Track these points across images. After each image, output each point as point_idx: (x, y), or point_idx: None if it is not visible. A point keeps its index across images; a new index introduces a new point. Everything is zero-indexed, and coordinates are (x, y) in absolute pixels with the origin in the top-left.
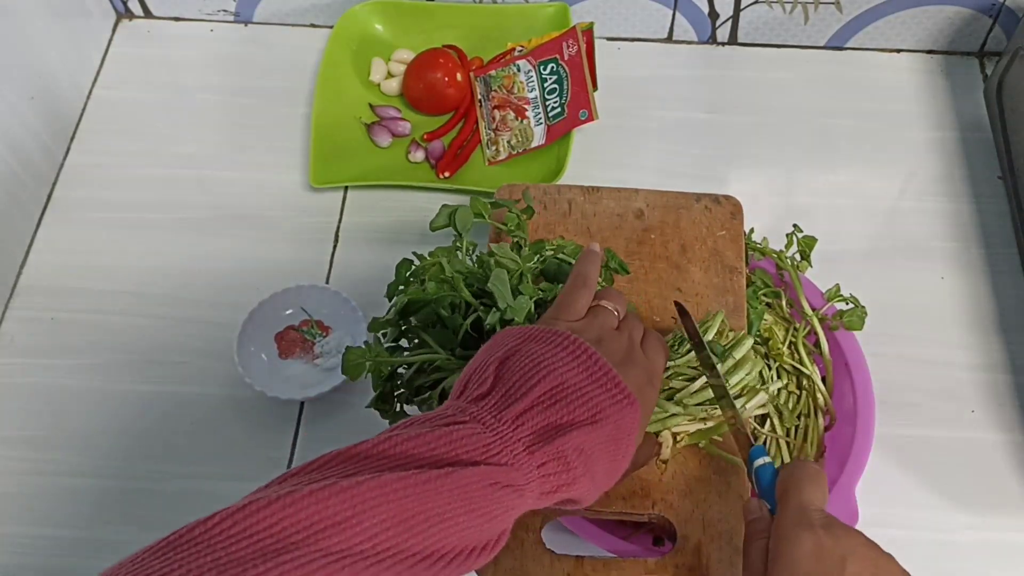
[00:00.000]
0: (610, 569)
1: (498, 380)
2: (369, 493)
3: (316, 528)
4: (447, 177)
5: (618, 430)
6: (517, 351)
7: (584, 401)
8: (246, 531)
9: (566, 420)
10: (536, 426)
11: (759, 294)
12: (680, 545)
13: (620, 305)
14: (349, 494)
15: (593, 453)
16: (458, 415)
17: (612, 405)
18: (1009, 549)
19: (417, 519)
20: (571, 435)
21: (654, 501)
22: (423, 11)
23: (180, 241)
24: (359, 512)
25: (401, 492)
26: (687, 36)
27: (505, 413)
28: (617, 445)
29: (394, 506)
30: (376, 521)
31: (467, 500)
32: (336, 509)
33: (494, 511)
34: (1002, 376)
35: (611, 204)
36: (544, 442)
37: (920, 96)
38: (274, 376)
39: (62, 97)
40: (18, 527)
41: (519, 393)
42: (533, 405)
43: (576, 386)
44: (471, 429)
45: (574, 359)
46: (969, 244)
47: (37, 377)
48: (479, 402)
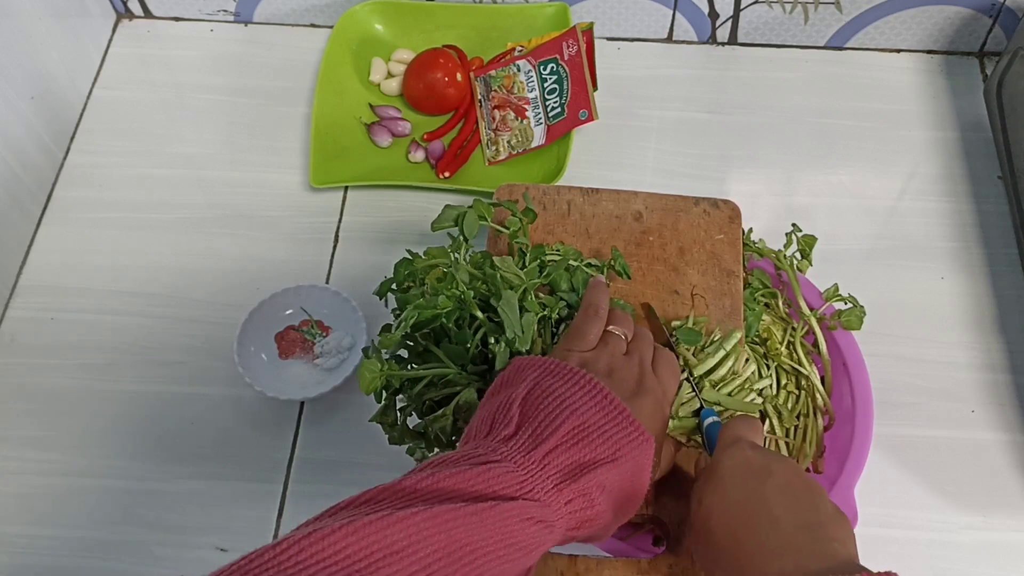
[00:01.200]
0: (603, 568)
1: (523, 420)
2: (424, 524)
3: (377, 556)
4: (447, 177)
5: (636, 467)
6: (537, 386)
7: (604, 440)
8: (313, 557)
9: (589, 459)
10: (562, 465)
11: (756, 295)
12: (673, 546)
13: (628, 328)
14: (405, 524)
15: (614, 490)
16: (490, 454)
17: (629, 443)
18: (1009, 549)
19: (465, 550)
20: (595, 473)
21: (648, 502)
22: (423, 11)
23: (180, 241)
24: (415, 542)
25: (451, 523)
26: (687, 36)
27: (534, 453)
28: (634, 481)
29: (444, 536)
30: (431, 551)
31: (507, 534)
32: (395, 538)
33: (529, 545)
34: (1002, 376)
35: (610, 206)
36: (571, 480)
37: (920, 96)
38: (274, 376)
39: (62, 97)
40: (18, 527)
41: (545, 433)
42: (558, 445)
43: (596, 426)
44: (505, 468)
45: (591, 399)
46: (969, 244)
47: (37, 377)
48: (508, 442)
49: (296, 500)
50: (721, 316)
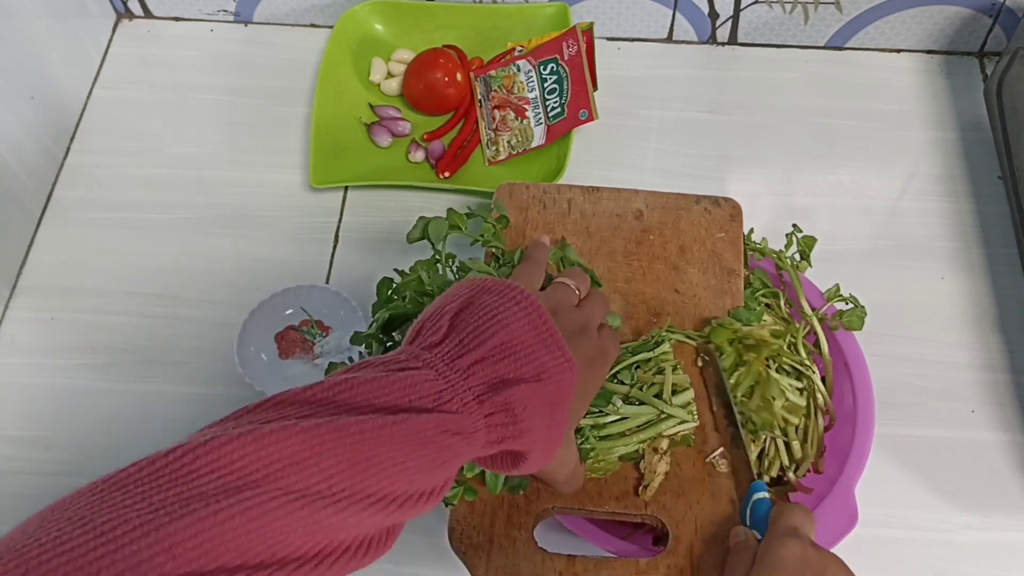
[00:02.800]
0: (601, 568)
1: (452, 329)
2: (328, 435)
3: (276, 466)
4: (447, 177)
5: (557, 392)
6: (472, 302)
7: (531, 359)
8: (207, 466)
9: (513, 375)
10: (486, 377)
11: (757, 295)
12: (672, 546)
13: (582, 284)
14: (308, 435)
15: (535, 411)
16: (412, 361)
17: (555, 365)
18: (1009, 549)
19: (372, 462)
20: (518, 388)
21: (647, 502)
22: (423, 11)
23: (180, 241)
24: (317, 453)
25: (358, 435)
26: (687, 36)
27: (458, 362)
28: (555, 408)
29: (351, 448)
30: (334, 462)
31: (419, 445)
32: (296, 449)
33: (443, 457)
34: (1002, 376)
35: (610, 204)
36: (493, 392)
37: (920, 96)
38: (274, 376)
39: (62, 97)
40: None
41: (472, 344)
42: (484, 357)
43: (524, 344)
44: (424, 375)
45: (525, 315)
46: (969, 244)
47: (37, 377)
48: (432, 349)
49: None
50: (722, 315)
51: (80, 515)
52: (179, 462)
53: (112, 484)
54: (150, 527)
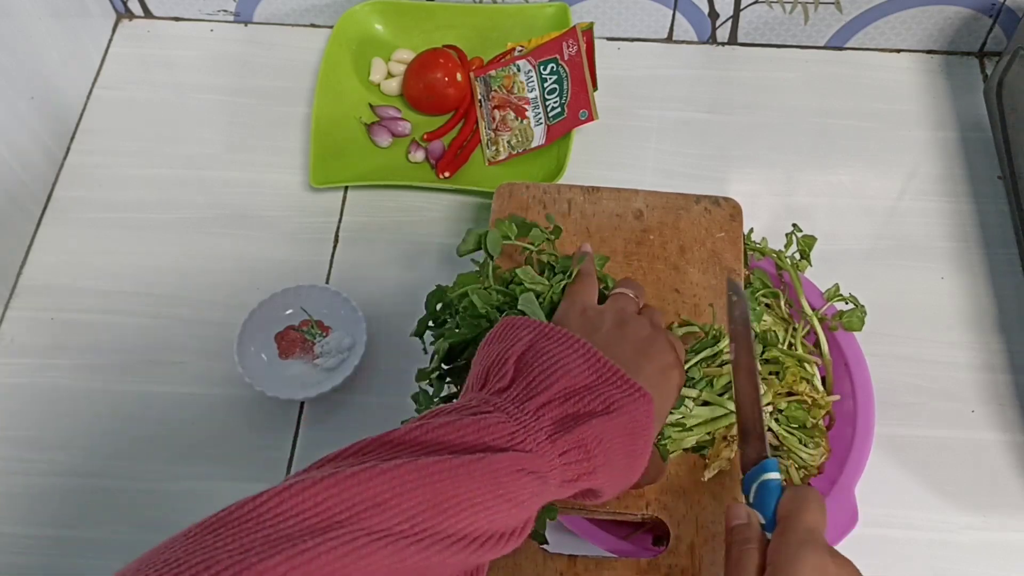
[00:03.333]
0: (602, 569)
1: (518, 373)
2: (408, 476)
3: (359, 508)
4: (447, 177)
5: (633, 422)
6: (533, 347)
7: (596, 396)
8: (293, 509)
9: (583, 412)
10: (556, 417)
11: (757, 295)
12: (673, 546)
13: (640, 294)
14: (389, 475)
15: (612, 443)
16: (482, 405)
17: (624, 397)
18: (1009, 549)
19: (451, 502)
20: (590, 424)
21: (648, 501)
22: (423, 11)
23: (180, 241)
24: (398, 494)
25: (437, 475)
26: (687, 36)
27: (527, 405)
28: (634, 439)
29: (430, 488)
30: (415, 503)
31: (496, 485)
32: (378, 490)
33: (521, 497)
34: (1002, 376)
35: (611, 204)
36: (565, 431)
37: (920, 96)
38: (274, 376)
39: (62, 97)
40: (18, 527)
41: (540, 388)
42: (552, 399)
43: (588, 386)
44: (496, 418)
45: (584, 361)
46: (969, 244)
47: (37, 377)
48: (501, 394)
49: None
50: (721, 315)
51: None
52: (265, 506)
53: (204, 528)
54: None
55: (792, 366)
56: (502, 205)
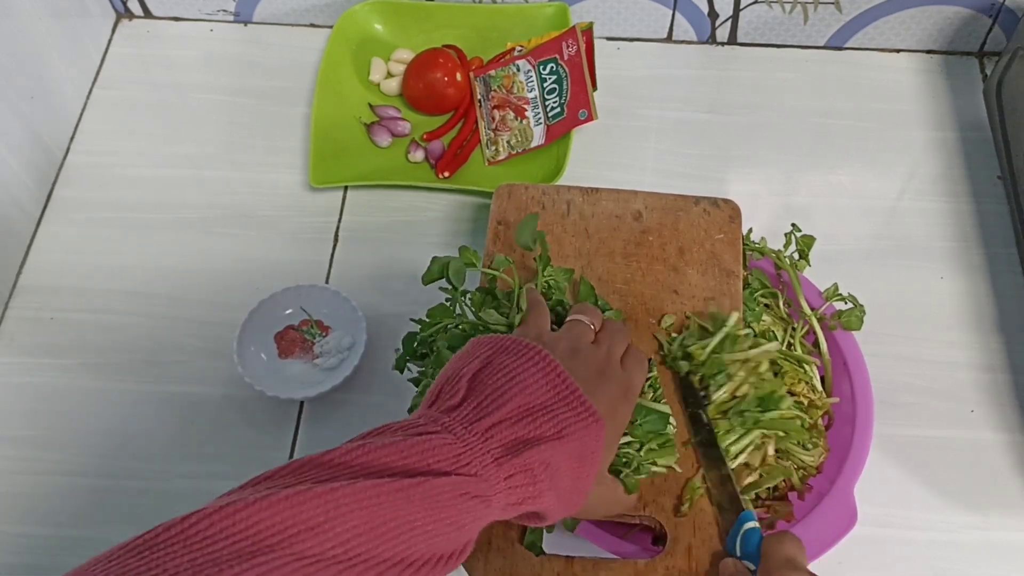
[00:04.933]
0: (599, 570)
1: (470, 392)
2: (344, 499)
3: (291, 532)
4: (447, 177)
5: (583, 447)
6: (490, 363)
7: (550, 418)
8: (223, 532)
9: (533, 435)
10: (505, 439)
11: (756, 295)
12: (670, 547)
13: (595, 319)
14: (324, 499)
15: (559, 468)
16: (430, 425)
17: (577, 422)
18: (1009, 549)
19: (389, 526)
20: (538, 449)
21: (645, 503)
22: (423, 11)
23: (180, 241)
24: (333, 517)
25: (374, 499)
26: (687, 36)
27: (476, 425)
28: (582, 463)
29: (367, 512)
30: (349, 527)
31: (437, 509)
32: (311, 514)
33: (462, 520)
34: (1002, 376)
35: (610, 205)
36: (512, 455)
37: (920, 96)
38: (274, 376)
39: (62, 97)
40: (18, 527)
41: (491, 407)
42: (503, 419)
43: (544, 405)
44: (442, 439)
45: (543, 376)
46: (969, 244)
47: (37, 377)
48: (451, 413)
49: None
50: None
51: None
52: (194, 528)
53: (128, 550)
54: None
55: (790, 369)
56: (501, 206)
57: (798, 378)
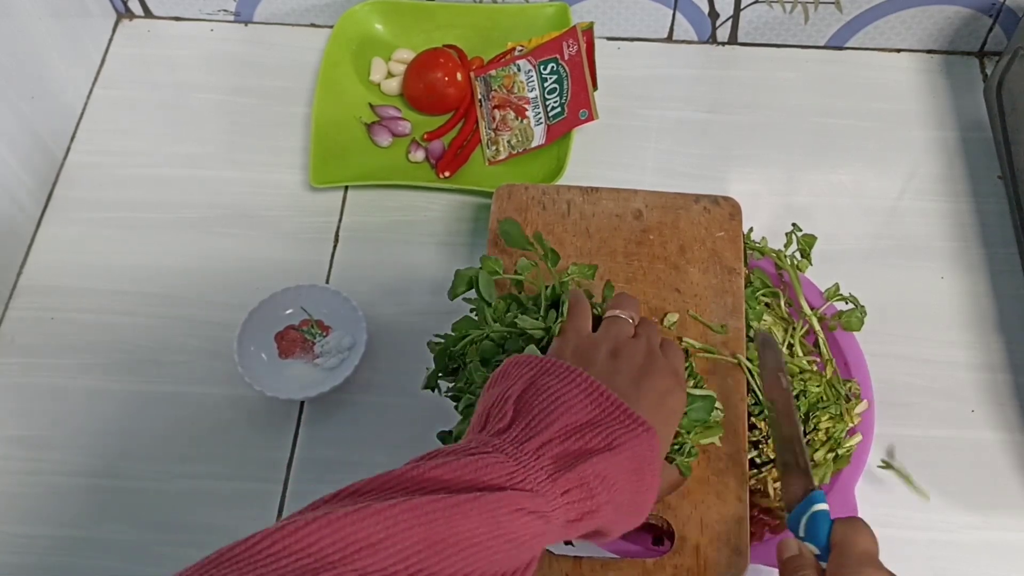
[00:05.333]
0: (608, 570)
1: (517, 414)
2: (402, 516)
3: (352, 549)
4: (447, 177)
5: (638, 459)
6: (533, 384)
7: (598, 432)
8: (285, 550)
9: (584, 449)
10: (556, 455)
11: (757, 294)
12: (678, 546)
13: (634, 312)
14: (383, 516)
15: (615, 481)
16: (482, 447)
17: (626, 433)
18: (1009, 549)
19: (447, 542)
20: (591, 462)
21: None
22: (423, 11)
23: (180, 241)
24: (392, 534)
25: (431, 515)
26: (687, 36)
27: (527, 445)
28: (640, 475)
29: (424, 529)
30: (409, 544)
31: (494, 525)
32: (371, 531)
33: (521, 537)
34: (1002, 376)
35: (610, 205)
36: (566, 469)
37: (920, 96)
38: (274, 376)
39: (62, 97)
40: (18, 527)
41: (540, 427)
42: (553, 438)
43: (591, 421)
44: (495, 459)
45: (586, 396)
46: (969, 244)
47: (37, 377)
48: (501, 435)
49: (296, 500)
50: (723, 314)
51: None
52: (257, 547)
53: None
54: None
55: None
56: (501, 206)
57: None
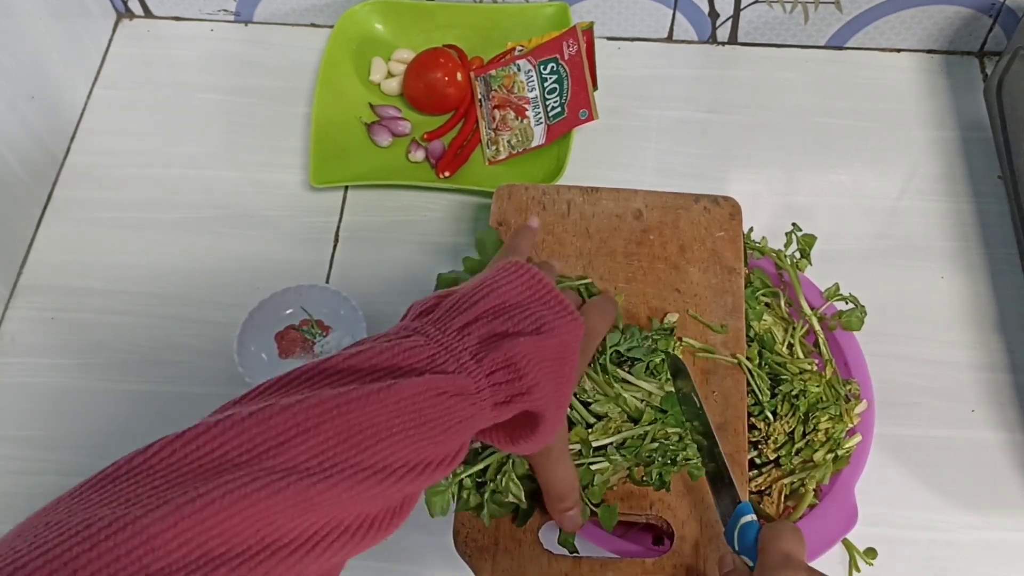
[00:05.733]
0: (607, 570)
1: (441, 300)
2: (311, 411)
3: (259, 449)
4: (447, 177)
5: (563, 346)
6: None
7: (528, 314)
8: (186, 457)
9: (511, 330)
10: (482, 335)
11: (757, 294)
12: (678, 546)
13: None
14: (290, 412)
15: (541, 364)
16: (401, 332)
17: (556, 319)
18: (1009, 549)
19: (365, 433)
20: (518, 342)
21: (652, 502)
22: (423, 11)
23: (180, 241)
24: (303, 431)
25: (344, 407)
26: (687, 36)
27: (449, 324)
28: (561, 364)
29: (339, 421)
30: (322, 439)
31: (416, 412)
32: (279, 429)
33: (446, 422)
34: (1002, 376)
35: (610, 205)
36: (491, 349)
37: (920, 96)
38: (274, 376)
39: (62, 97)
40: None
41: (463, 308)
42: (477, 318)
43: (520, 303)
44: (413, 342)
45: (517, 278)
46: (969, 244)
47: (37, 377)
48: (422, 318)
49: None
50: (723, 314)
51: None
52: (156, 456)
53: (90, 485)
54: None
55: (831, 404)
56: (501, 207)
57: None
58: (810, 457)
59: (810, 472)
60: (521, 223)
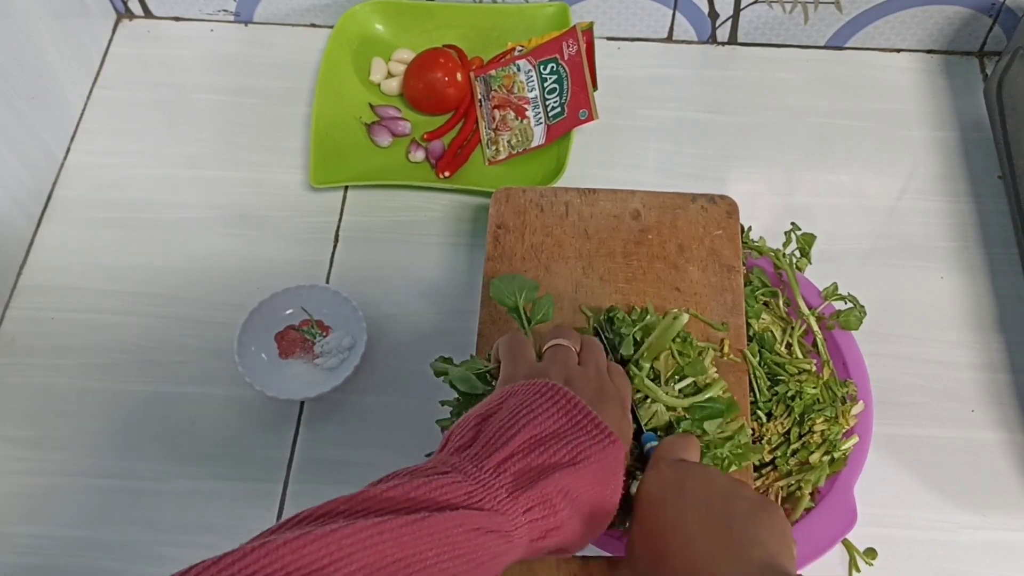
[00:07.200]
0: (615, 570)
1: (479, 433)
2: (344, 540)
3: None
4: (447, 177)
5: (603, 471)
6: (502, 406)
7: (563, 444)
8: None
9: (548, 463)
10: (518, 472)
11: (756, 294)
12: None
13: (574, 340)
14: (324, 542)
15: (579, 495)
16: (439, 466)
17: (593, 445)
18: (1009, 549)
19: (397, 565)
20: (553, 477)
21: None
22: (423, 11)
23: (180, 241)
24: (336, 560)
25: (377, 538)
26: (687, 36)
27: (486, 462)
28: (604, 486)
29: (371, 552)
30: (354, 568)
31: (449, 546)
32: (312, 558)
33: (480, 557)
34: (1002, 376)
35: (608, 205)
36: (527, 486)
37: (920, 96)
38: (274, 376)
39: (62, 97)
40: (18, 526)
41: (500, 443)
42: (514, 453)
43: (556, 432)
44: (452, 478)
45: (553, 404)
46: (969, 244)
47: (37, 377)
48: (460, 453)
49: (296, 500)
50: (723, 311)
51: None
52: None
53: None
54: None
55: (826, 405)
56: (500, 209)
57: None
58: (806, 459)
59: (806, 474)
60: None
